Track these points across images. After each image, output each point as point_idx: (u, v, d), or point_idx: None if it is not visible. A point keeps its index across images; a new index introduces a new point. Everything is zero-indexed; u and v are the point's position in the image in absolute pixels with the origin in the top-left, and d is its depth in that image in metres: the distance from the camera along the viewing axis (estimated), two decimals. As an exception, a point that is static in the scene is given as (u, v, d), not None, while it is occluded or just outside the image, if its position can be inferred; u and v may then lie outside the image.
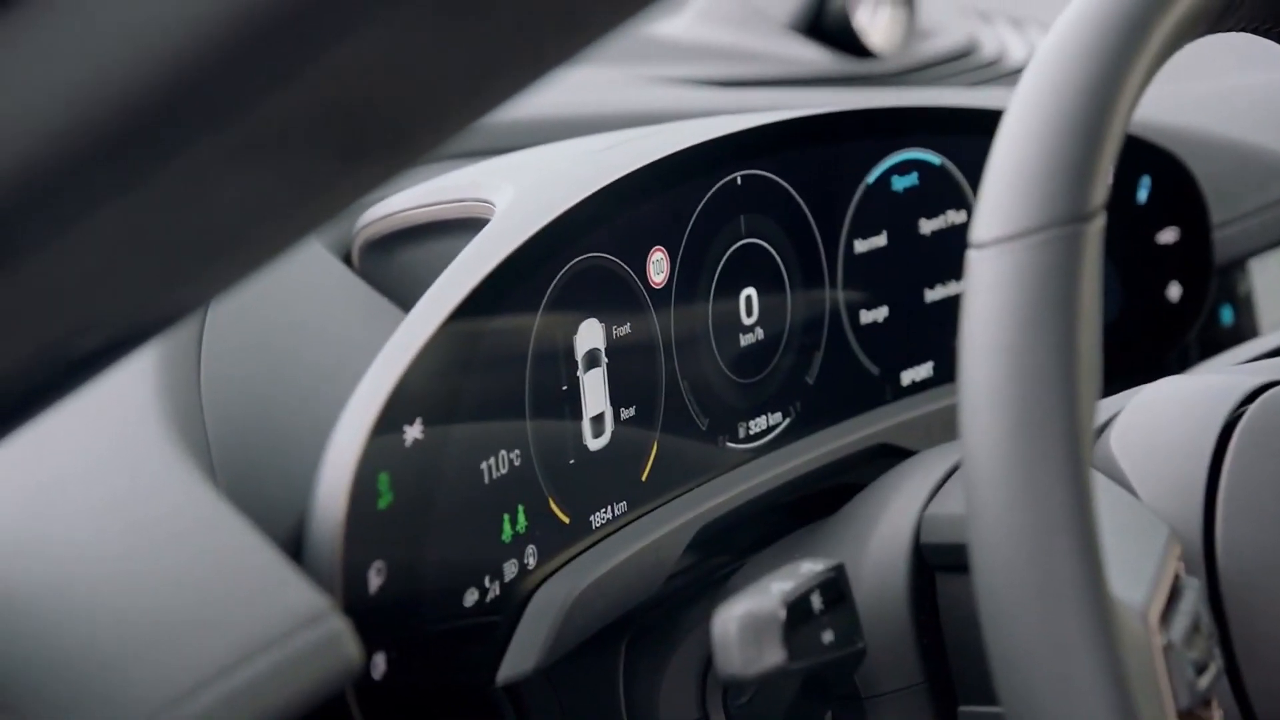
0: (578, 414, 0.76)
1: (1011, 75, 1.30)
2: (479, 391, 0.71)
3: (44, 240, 0.38)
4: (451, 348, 0.70)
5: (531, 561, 0.74)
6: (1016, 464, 0.58)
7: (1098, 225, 0.61)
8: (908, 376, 0.93)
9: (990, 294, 0.60)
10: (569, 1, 0.39)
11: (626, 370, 0.78)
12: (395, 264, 0.84)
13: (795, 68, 1.25)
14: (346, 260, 0.85)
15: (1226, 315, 1.21)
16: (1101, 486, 0.67)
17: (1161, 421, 0.77)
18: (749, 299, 0.85)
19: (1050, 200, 0.60)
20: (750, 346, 0.85)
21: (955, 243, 0.94)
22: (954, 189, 0.95)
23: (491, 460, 0.72)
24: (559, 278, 0.75)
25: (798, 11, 1.31)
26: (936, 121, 0.95)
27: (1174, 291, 1.09)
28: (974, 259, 0.61)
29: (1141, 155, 1.07)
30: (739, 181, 0.84)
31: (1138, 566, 0.66)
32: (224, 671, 0.56)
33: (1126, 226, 1.05)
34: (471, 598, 0.71)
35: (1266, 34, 0.72)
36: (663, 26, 1.27)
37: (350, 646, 0.59)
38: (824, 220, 0.88)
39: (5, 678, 0.54)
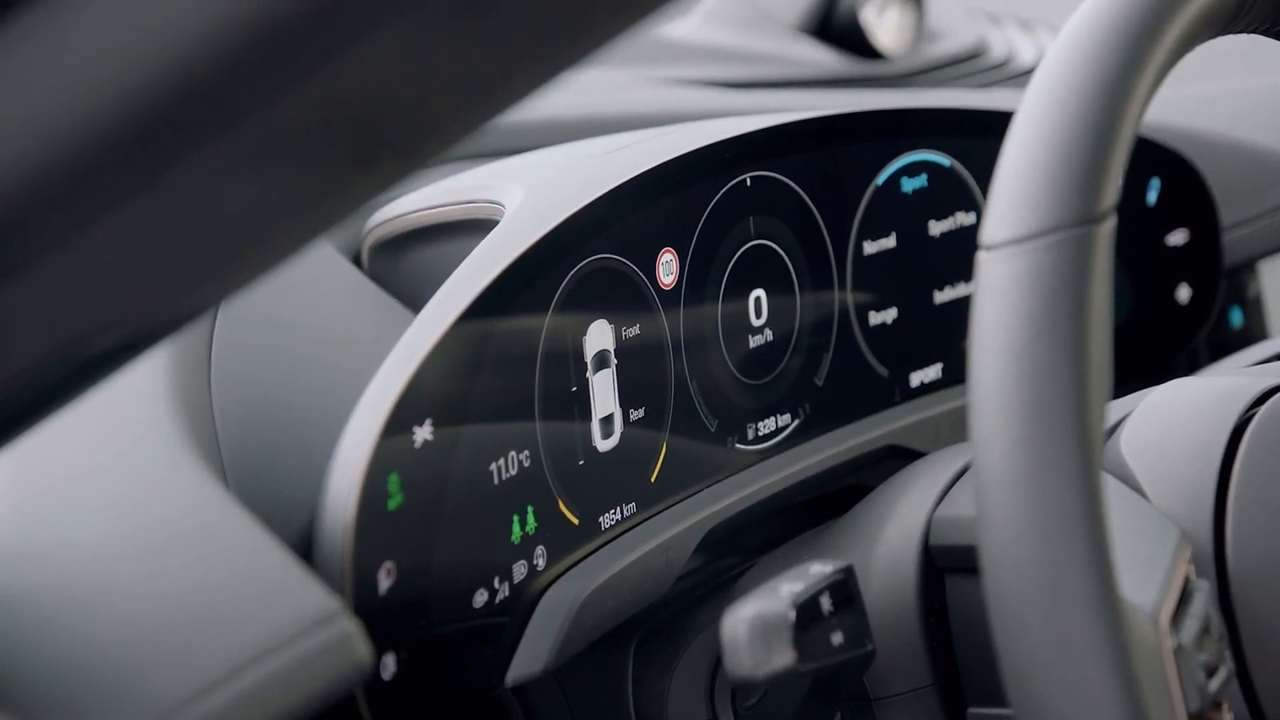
0: (587, 415, 0.76)
1: (1021, 77, 1.30)
2: (489, 392, 0.71)
3: (59, 242, 0.38)
4: (461, 349, 0.70)
5: (541, 562, 0.74)
6: (1027, 466, 0.58)
7: (1108, 227, 0.61)
8: (917, 378, 0.93)
9: (1000, 296, 0.60)
10: (579, 5, 0.39)
11: (636, 371, 0.78)
12: (405, 265, 0.84)
13: (804, 69, 1.25)
14: (356, 261, 0.85)
15: (1236, 317, 1.21)
16: (1112, 488, 0.66)
17: (1171, 424, 0.77)
18: (758, 300, 0.85)
19: (1060, 202, 0.60)
20: (759, 348, 0.85)
21: (965, 244, 0.94)
22: (963, 191, 0.95)
23: (501, 461, 0.72)
24: (568, 279, 0.75)
25: (806, 13, 1.31)
26: (946, 123, 0.95)
27: (1183, 293, 1.08)
28: (984, 261, 0.61)
29: (1151, 157, 1.07)
30: (748, 183, 0.84)
31: (1148, 569, 0.66)
32: (234, 672, 0.56)
33: (1136, 228, 1.05)
34: (481, 599, 0.71)
35: (1277, 36, 0.72)
36: (671, 28, 1.27)
37: (360, 647, 0.59)
38: (833, 222, 0.88)
39: (15, 678, 0.54)
